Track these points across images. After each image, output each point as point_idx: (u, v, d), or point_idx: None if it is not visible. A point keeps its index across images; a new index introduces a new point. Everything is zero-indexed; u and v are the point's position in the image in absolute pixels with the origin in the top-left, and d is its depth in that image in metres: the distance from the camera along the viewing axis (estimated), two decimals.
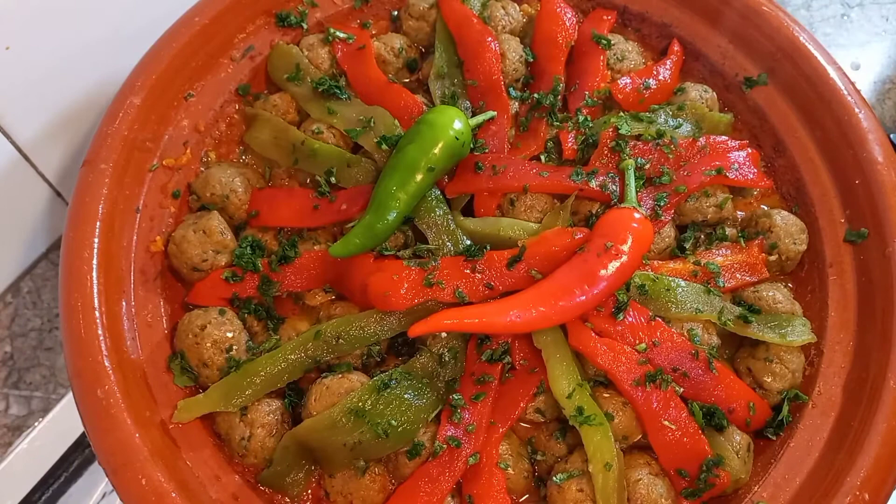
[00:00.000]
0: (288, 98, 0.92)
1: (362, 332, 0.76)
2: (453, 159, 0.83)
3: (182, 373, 0.76)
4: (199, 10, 0.90)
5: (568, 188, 0.83)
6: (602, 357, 0.74)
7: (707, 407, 0.75)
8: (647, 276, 0.79)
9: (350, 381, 0.74)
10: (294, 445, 0.72)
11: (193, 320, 0.76)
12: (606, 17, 0.99)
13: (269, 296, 0.80)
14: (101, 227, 0.77)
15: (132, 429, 0.69)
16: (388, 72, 0.95)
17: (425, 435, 0.73)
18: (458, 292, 0.76)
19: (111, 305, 0.75)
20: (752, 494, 0.75)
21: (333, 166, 0.85)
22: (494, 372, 0.75)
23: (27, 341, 0.99)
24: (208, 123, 0.89)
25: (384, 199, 0.79)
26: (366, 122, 0.87)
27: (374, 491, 0.72)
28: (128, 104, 0.83)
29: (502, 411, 0.75)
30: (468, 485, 0.72)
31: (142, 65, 0.86)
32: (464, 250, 0.80)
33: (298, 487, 0.73)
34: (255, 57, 0.93)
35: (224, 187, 0.84)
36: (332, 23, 0.97)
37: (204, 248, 0.80)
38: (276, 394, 0.77)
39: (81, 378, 0.71)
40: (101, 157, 0.80)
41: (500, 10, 0.97)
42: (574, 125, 0.88)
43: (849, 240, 0.85)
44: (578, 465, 0.72)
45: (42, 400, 0.98)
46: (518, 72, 0.94)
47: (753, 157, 0.89)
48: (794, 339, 0.78)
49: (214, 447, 0.74)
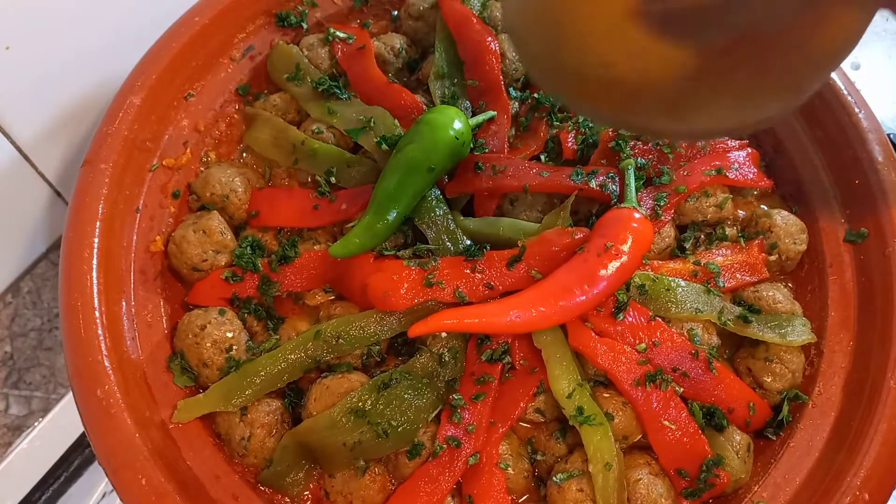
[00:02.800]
0: (288, 98, 0.92)
1: (362, 332, 0.76)
2: (453, 159, 0.83)
3: (182, 373, 0.76)
4: (199, 10, 0.90)
5: (568, 188, 0.83)
6: (602, 357, 0.74)
7: (707, 407, 0.75)
8: (647, 276, 0.79)
9: (350, 381, 0.74)
10: (294, 445, 0.72)
11: (193, 320, 0.76)
12: None
13: (269, 296, 0.80)
14: (101, 227, 0.77)
15: (132, 429, 0.69)
16: (388, 72, 0.95)
17: (425, 435, 0.73)
18: (458, 292, 0.76)
19: (111, 305, 0.75)
20: (752, 494, 0.75)
21: (333, 166, 0.85)
22: (494, 372, 0.75)
23: (27, 341, 0.99)
24: (208, 123, 0.89)
25: (384, 199, 0.79)
26: (366, 122, 0.87)
27: (374, 491, 0.72)
28: (128, 104, 0.83)
29: (502, 411, 0.75)
30: (468, 485, 0.72)
31: (142, 65, 0.86)
32: (464, 250, 0.80)
33: (298, 487, 0.73)
34: (255, 57, 0.93)
35: (224, 187, 0.84)
36: (332, 23, 0.97)
37: (204, 248, 0.80)
38: (275, 394, 0.77)
39: (81, 378, 0.70)
40: (101, 157, 0.80)
41: (500, 11, 0.97)
42: (574, 125, 0.88)
43: (849, 240, 0.85)
44: (578, 465, 0.72)
45: (42, 400, 0.98)
46: (518, 72, 0.94)
47: (753, 157, 0.89)
48: (794, 339, 0.78)
49: (214, 447, 0.74)
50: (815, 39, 0.50)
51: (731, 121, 0.55)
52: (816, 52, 0.51)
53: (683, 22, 0.48)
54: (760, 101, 0.53)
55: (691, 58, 0.49)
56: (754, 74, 0.50)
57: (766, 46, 0.49)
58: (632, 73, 0.51)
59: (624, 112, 0.56)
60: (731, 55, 0.49)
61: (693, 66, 0.49)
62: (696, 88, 0.51)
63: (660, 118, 0.54)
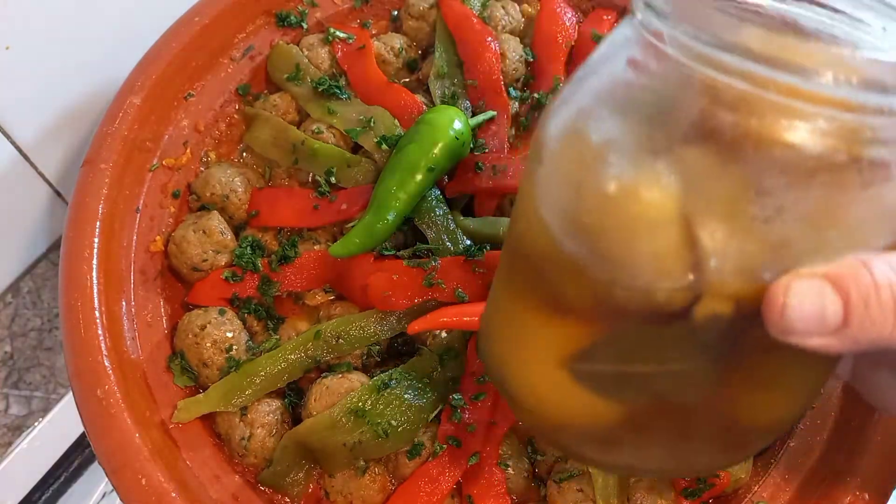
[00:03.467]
0: (288, 98, 0.92)
1: (362, 332, 0.76)
2: (453, 159, 0.83)
3: (182, 373, 0.76)
4: (199, 10, 0.90)
5: None
6: None
7: None
8: None
9: (350, 381, 0.74)
10: (294, 445, 0.72)
11: (193, 320, 0.76)
12: (606, 17, 0.99)
13: (269, 296, 0.80)
14: (101, 227, 0.77)
15: (132, 429, 0.69)
16: (388, 72, 0.95)
17: (425, 435, 0.73)
18: (458, 292, 0.76)
19: (111, 305, 0.75)
20: (752, 494, 0.75)
21: (333, 166, 0.85)
22: None
23: (27, 341, 0.99)
24: (208, 123, 0.89)
25: (384, 199, 0.79)
26: (366, 122, 0.87)
27: (374, 491, 0.72)
28: (128, 104, 0.83)
29: (503, 411, 0.75)
30: (468, 485, 0.72)
31: (142, 65, 0.86)
32: (464, 250, 0.80)
33: (298, 487, 0.73)
34: (255, 57, 0.93)
35: (224, 187, 0.84)
36: (332, 23, 0.97)
37: (204, 248, 0.80)
38: (276, 394, 0.77)
39: (81, 378, 0.70)
40: (101, 157, 0.80)
41: (500, 10, 0.97)
42: None
43: None
44: (578, 465, 0.72)
45: (42, 400, 0.98)
46: (518, 72, 0.94)
47: None
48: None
49: (214, 447, 0.74)
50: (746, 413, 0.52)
51: (666, 465, 0.57)
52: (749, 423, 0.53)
53: (607, 382, 0.52)
54: (691, 458, 0.56)
55: (616, 411, 0.52)
56: (678, 436, 0.53)
57: (686, 414, 0.52)
58: (560, 410, 0.55)
59: (556, 437, 0.60)
60: (654, 416, 0.52)
61: (618, 418, 0.52)
62: (622, 436, 0.54)
63: (589, 449, 0.57)
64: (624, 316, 0.47)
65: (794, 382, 0.51)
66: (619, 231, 0.44)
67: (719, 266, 0.42)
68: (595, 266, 0.45)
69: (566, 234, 0.47)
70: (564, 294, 0.49)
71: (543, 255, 0.49)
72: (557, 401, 0.54)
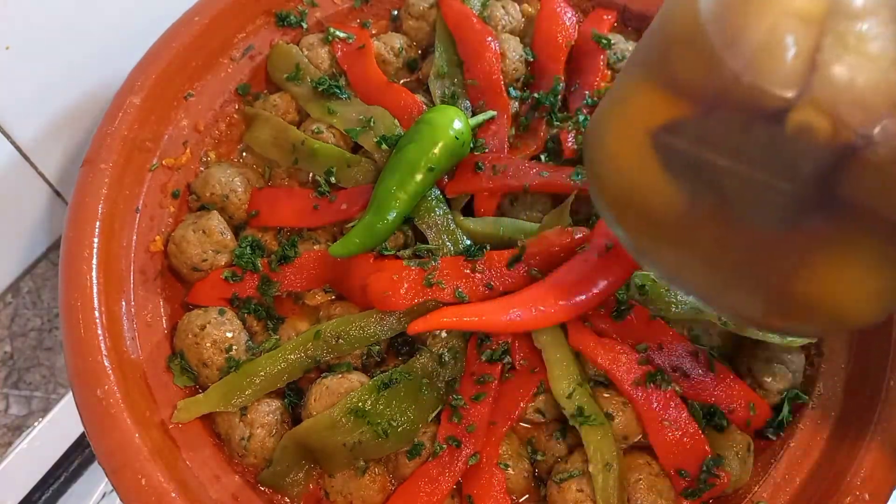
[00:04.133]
0: (288, 98, 0.92)
1: (362, 332, 0.76)
2: (453, 159, 0.83)
3: (182, 373, 0.76)
4: (199, 10, 0.90)
5: (568, 188, 0.83)
6: (602, 357, 0.74)
7: (707, 407, 0.75)
8: (647, 276, 0.79)
9: (350, 381, 0.74)
10: (294, 445, 0.72)
11: (193, 320, 0.76)
12: (606, 17, 0.99)
13: (268, 296, 0.80)
14: (101, 227, 0.77)
15: (132, 429, 0.69)
16: (388, 72, 0.95)
17: (425, 435, 0.73)
18: (458, 292, 0.76)
19: (111, 305, 0.75)
20: (752, 494, 0.75)
21: (333, 166, 0.85)
22: (494, 372, 0.75)
23: (27, 341, 0.99)
24: (208, 123, 0.89)
25: (384, 199, 0.79)
26: (366, 121, 0.87)
27: (374, 491, 0.72)
28: (128, 104, 0.83)
29: (502, 411, 0.75)
30: (468, 485, 0.72)
31: (142, 65, 0.86)
32: (464, 250, 0.80)
33: (298, 487, 0.73)
34: (255, 57, 0.93)
35: (224, 187, 0.84)
36: (331, 22, 0.97)
37: (204, 247, 0.80)
38: (275, 394, 0.77)
39: (81, 378, 0.70)
40: (101, 156, 0.80)
41: (500, 10, 0.97)
42: (574, 125, 0.88)
43: None
44: (578, 465, 0.72)
45: (42, 400, 0.98)
46: (518, 71, 0.94)
47: None
48: (794, 339, 0.78)
49: (214, 447, 0.74)
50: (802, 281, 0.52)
51: (701, 286, 0.59)
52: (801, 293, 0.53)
53: (682, 161, 0.53)
54: (728, 293, 0.57)
55: (679, 200, 0.53)
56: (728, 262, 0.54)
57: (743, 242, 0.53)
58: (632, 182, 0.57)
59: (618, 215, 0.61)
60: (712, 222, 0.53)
61: (678, 208, 0.53)
62: (676, 233, 0.56)
63: (640, 237, 0.59)
64: (726, 98, 0.47)
65: (863, 270, 0.50)
66: (760, 11, 0.45)
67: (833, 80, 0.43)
68: (720, 39, 0.46)
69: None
70: (681, 64, 0.50)
71: (679, 21, 0.51)
72: (633, 171, 0.55)
